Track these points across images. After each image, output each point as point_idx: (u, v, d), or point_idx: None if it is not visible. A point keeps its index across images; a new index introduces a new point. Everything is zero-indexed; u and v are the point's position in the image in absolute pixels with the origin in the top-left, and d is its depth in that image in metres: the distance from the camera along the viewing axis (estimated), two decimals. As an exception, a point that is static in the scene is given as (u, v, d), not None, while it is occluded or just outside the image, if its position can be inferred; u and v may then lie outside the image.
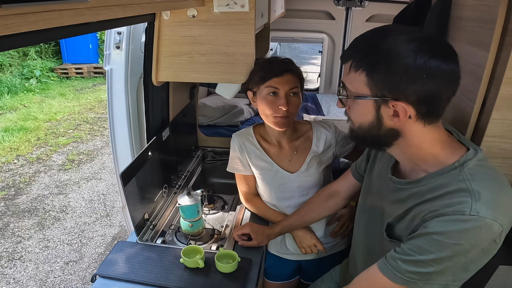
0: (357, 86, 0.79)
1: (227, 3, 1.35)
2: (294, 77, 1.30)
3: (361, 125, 0.84)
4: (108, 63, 1.88)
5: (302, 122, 1.50)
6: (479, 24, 0.99)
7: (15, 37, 0.65)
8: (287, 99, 1.28)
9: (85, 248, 3.04)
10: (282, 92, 1.28)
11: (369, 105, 0.79)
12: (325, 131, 1.44)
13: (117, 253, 1.36)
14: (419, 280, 0.80)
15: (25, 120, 5.62)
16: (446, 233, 0.73)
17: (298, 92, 1.32)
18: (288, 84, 1.28)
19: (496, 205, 0.73)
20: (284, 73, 1.28)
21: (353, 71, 0.79)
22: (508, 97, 0.91)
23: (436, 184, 0.81)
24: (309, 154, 1.42)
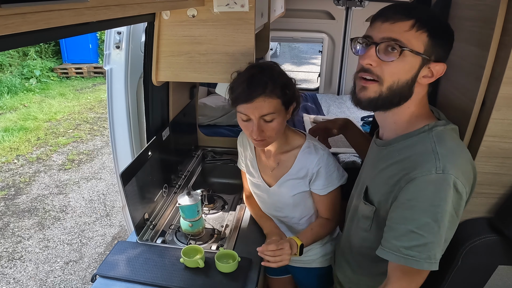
0: (414, 43, 0.82)
1: (227, 3, 1.35)
2: (268, 102, 1.09)
3: (395, 83, 0.85)
4: (108, 63, 1.88)
5: (297, 136, 1.29)
6: (478, 24, 0.99)
7: (15, 37, 0.65)
8: (260, 125, 1.12)
9: (85, 248, 3.04)
10: (254, 119, 1.12)
11: (416, 62, 0.84)
12: (310, 160, 1.23)
13: (117, 253, 1.36)
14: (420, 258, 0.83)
15: (25, 120, 5.62)
16: (420, 196, 0.81)
17: (277, 116, 1.12)
18: (259, 111, 1.10)
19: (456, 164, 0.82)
20: (255, 98, 1.08)
21: (414, 30, 0.82)
22: (508, 96, 0.91)
23: (405, 145, 0.91)
24: (285, 174, 1.29)
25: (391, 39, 0.82)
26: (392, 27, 0.83)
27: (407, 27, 0.82)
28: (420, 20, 0.82)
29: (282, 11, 2.67)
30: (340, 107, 3.35)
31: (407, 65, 0.84)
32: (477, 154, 0.99)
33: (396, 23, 0.83)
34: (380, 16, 0.86)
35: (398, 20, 0.83)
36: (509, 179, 1.02)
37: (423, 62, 0.84)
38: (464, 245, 1.04)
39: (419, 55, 0.83)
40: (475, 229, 1.07)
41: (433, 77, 0.86)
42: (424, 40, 0.83)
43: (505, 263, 1.05)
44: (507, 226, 0.99)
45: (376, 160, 1.02)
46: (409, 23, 0.82)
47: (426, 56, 0.84)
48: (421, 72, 0.85)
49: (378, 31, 0.85)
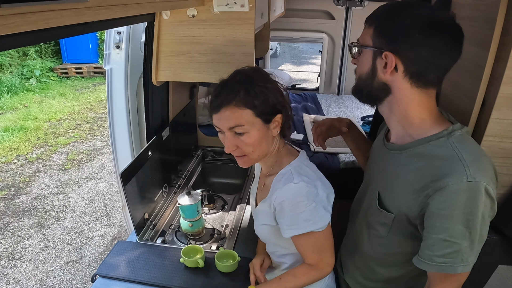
0: (365, 38, 0.91)
1: (227, 2, 1.35)
2: (234, 112, 0.93)
3: (361, 75, 0.94)
4: (108, 62, 1.88)
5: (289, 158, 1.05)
6: (479, 24, 0.99)
7: (15, 37, 0.65)
8: (231, 138, 0.97)
9: (85, 247, 3.04)
10: (224, 131, 0.98)
11: (369, 55, 0.90)
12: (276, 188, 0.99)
13: (117, 253, 1.36)
14: (453, 263, 0.83)
15: (25, 120, 5.61)
16: (451, 205, 0.79)
17: (249, 129, 0.95)
18: (226, 122, 0.95)
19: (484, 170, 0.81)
20: (221, 108, 0.95)
21: (367, 27, 0.91)
22: (508, 96, 0.91)
23: (424, 151, 0.87)
24: (263, 199, 1.07)
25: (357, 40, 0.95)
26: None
27: (364, 26, 0.92)
28: (371, 17, 0.91)
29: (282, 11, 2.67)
30: (340, 107, 3.35)
31: (363, 58, 0.92)
32: (477, 154, 0.99)
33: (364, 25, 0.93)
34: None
35: (365, 22, 0.93)
36: (509, 179, 1.02)
37: (375, 54, 0.88)
38: (464, 245, 1.04)
39: (367, 48, 0.89)
40: (475, 229, 1.07)
41: (388, 67, 0.86)
42: (370, 33, 0.89)
43: (505, 263, 1.05)
44: (507, 226, 0.99)
45: (389, 165, 0.97)
46: (367, 23, 0.92)
47: (375, 47, 0.88)
48: (377, 64, 0.88)
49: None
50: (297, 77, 8.29)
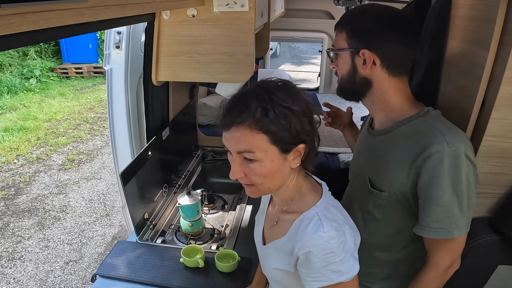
0: (340, 43, 1.00)
1: (227, 2, 1.35)
2: (245, 134, 0.77)
3: (343, 76, 1.02)
4: (108, 62, 1.88)
5: (312, 196, 0.88)
6: (478, 24, 0.99)
7: (15, 37, 0.65)
8: (240, 163, 0.81)
9: (85, 247, 3.04)
10: (232, 153, 0.82)
11: (347, 56, 0.99)
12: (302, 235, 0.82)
13: (117, 253, 1.36)
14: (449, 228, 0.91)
15: (25, 120, 5.61)
16: (439, 171, 0.88)
17: (262, 158, 0.79)
18: (234, 144, 0.80)
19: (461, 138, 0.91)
20: (230, 126, 0.79)
21: (338, 32, 1.01)
22: (508, 96, 0.91)
23: (406, 130, 0.97)
24: (277, 239, 0.90)
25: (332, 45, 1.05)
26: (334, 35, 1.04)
27: (335, 32, 1.03)
28: (342, 22, 1.01)
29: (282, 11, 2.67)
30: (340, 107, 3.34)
31: (342, 60, 1.01)
32: (477, 154, 0.99)
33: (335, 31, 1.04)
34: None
35: (335, 28, 1.04)
36: (509, 179, 1.02)
37: (352, 53, 0.98)
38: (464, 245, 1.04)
39: (344, 50, 0.99)
40: (475, 229, 1.07)
41: (367, 63, 0.96)
42: (343, 36, 0.98)
43: (505, 263, 1.05)
44: (507, 226, 0.99)
45: (377, 150, 1.05)
46: (337, 29, 1.02)
47: (351, 48, 0.98)
48: (356, 62, 0.98)
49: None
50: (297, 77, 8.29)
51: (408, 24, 0.96)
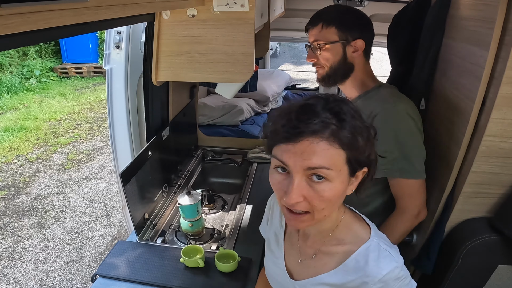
0: (329, 37, 1.19)
1: (227, 2, 1.35)
2: (325, 148, 0.66)
3: (332, 64, 1.21)
4: (108, 62, 1.88)
5: (362, 227, 0.82)
6: (478, 23, 0.99)
7: (15, 36, 0.65)
8: (303, 186, 0.68)
9: (85, 247, 3.04)
10: (294, 172, 0.68)
11: (338, 47, 1.19)
12: (371, 270, 0.74)
13: (117, 253, 1.36)
14: (392, 169, 1.12)
15: (25, 120, 5.61)
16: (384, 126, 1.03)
17: (334, 178, 0.67)
18: (306, 159, 0.66)
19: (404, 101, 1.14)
20: (302, 137, 0.65)
21: (325, 28, 1.19)
22: (508, 96, 0.91)
23: (364, 100, 1.21)
24: (321, 275, 0.82)
25: (314, 41, 1.22)
26: (313, 32, 1.22)
27: (319, 29, 1.20)
28: (326, 19, 1.18)
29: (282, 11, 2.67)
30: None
31: (333, 51, 1.20)
32: (477, 154, 0.99)
33: (314, 28, 1.22)
34: (307, 24, 1.25)
35: (313, 25, 1.22)
36: (509, 179, 1.02)
37: (343, 44, 1.18)
38: (464, 245, 1.04)
39: (335, 42, 1.18)
40: (475, 229, 1.07)
41: (359, 50, 1.19)
42: (334, 31, 1.18)
43: (505, 263, 1.05)
44: (507, 226, 0.99)
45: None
46: (319, 25, 1.20)
47: (342, 40, 1.18)
48: (347, 51, 1.19)
49: (309, 36, 1.25)
50: (297, 77, 8.29)
51: (366, 17, 1.23)
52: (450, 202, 1.11)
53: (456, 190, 1.09)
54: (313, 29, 1.22)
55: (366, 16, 1.23)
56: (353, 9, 1.25)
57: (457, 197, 1.08)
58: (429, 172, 1.23)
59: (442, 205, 1.13)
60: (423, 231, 1.24)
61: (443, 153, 1.15)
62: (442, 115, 1.18)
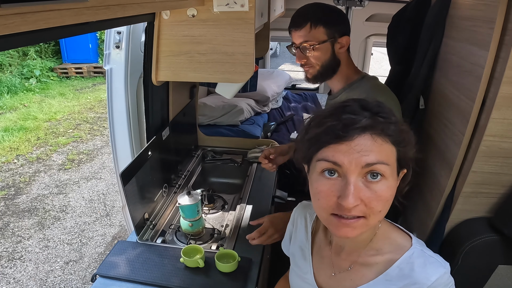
0: (318, 37, 1.24)
1: (227, 2, 1.35)
2: (381, 144, 0.64)
3: (323, 62, 1.27)
4: (108, 62, 1.88)
5: (402, 235, 0.79)
6: (478, 23, 0.99)
7: (15, 36, 0.65)
8: (359, 186, 0.65)
9: (85, 247, 3.04)
10: (349, 173, 0.65)
11: (328, 45, 1.25)
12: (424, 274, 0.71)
13: (117, 253, 1.36)
14: None
15: (25, 120, 5.61)
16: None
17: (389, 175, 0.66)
18: (361, 155, 0.63)
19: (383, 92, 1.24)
20: (357, 135, 0.64)
21: (313, 29, 1.23)
22: (508, 96, 0.91)
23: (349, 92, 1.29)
24: (362, 286, 0.78)
25: (302, 42, 1.25)
26: (300, 33, 1.25)
27: (308, 29, 1.24)
28: (313, 20, 1.23)
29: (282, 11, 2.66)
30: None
31: (323, 50, 1.25)
32: (477, 154, 0.99)
33: (301, 29, 1.25)
34: (291, 25, 1.29)
35: (301, 27, 1.25)
36: (509, 179, 1.02)
37: (332, 42, 1.25)
38: (464, 245, 1.04)
39: (325, 42, 1.24)
40: (475, 229, 1.07)
41: (345, 46, 1.28)
42: (322, 31, 1.23)
43: (505, 263, 1.05)
44: (507, 226, 0.99)
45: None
46: (308, 25, 1.23)
47: (330, 38, 1.24)
48: (335, 48, 1.27)
49: (295, 38, 1.28)
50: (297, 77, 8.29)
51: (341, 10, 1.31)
52: (450, 202, 1.11)
53: (456, 190, 1.09)
54: (300, 30, 1.25)
55: (344, 13, 1.34)
56: (333, 6, 1.31)
57: (457, 197, 1.08)
58: (429, 172, 1.23)
59: (442, 205, 1.13)
60: (423, 231, 1.24)
61: (443, 153, 1.15)
62: (442, 115, 1.18)
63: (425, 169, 1.24)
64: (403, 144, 0.67)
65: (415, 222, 1.31)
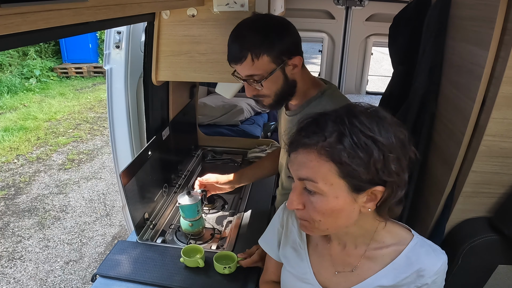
0: (264, 68, 1.05)
1: (226, 2, 1.35)
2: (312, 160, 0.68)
3: (277, 90, 1.12)
4: (108, 62, 1.88)
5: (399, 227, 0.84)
6: (478, 23, 0.99)
7: (15, 36, 0.65)
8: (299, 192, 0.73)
9: (85, 247, 3.04)
10: (295, 179, 0.73)
11: (278, 73, 1.08)
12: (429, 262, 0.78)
13: (117, 253, 1.36)
14: None
15: (25, 120, 5.61)
16: None
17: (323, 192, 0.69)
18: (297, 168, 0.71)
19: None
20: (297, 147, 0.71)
21: (256, 60, 1.04)
22: (508, 96, 0.91)
23: (308, 110, 1.14)
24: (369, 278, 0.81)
25: (248, 76, 1.08)
26: (242, 67, 1.07)
27: (250, 62, 1.05)
28: (253, 49, 1.04)
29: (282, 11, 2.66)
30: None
31: (273, 79, 1.09)
32: (477, 154, 0.99)
33: (241, 63, 1.06)
34: (229, 58, 1.09)
35: (240, 61, 1.05)
36: (509, 179, 1.02)
37: (281, 68, 1.08)
38: (464, 245, 1.04)
39: (274, 71, 1.07)
40: (475, 229, 1.07)
41: (298, 66, 1.10)
42: (266, 59, 1.05)
43: (505, 263, 1.05)
44: (507, 226, 0.99)
45: (289, 128, 1.18)
46: (249, 58, 1.04)
47: (278, 64, 1.07)
48: (286, 71, 1.10)
49: (239, 71, 1.10)
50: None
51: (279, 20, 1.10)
52: (450, 202, 1.11)
53: (456, 190, 1.09)
54: (241, 64, 1.06)
55: (284, 22, 1.09)
56: (273, 21, 1.08)
57: (457, 196, 1.08)
58: (429, 172, 1.23)
59: (442, 204, 1.13)
60: (423, 230, 1.24)
61: (443, 152, 1.15)
62: (442, 115, 1.18)
63: (425, 169, 1.24)
64: (353, 163, 0.65)
65: (415, 222, 1.31)
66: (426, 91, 1.23)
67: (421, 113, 1.24)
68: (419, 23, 1.32)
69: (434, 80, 1.22)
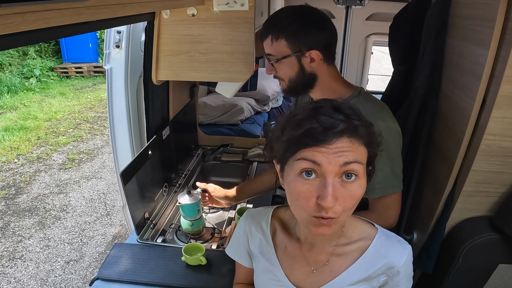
0: (281, 51, 1.09)
1: (226, 2, 1.35)
2: (356, 145, 0.68)
3: (290, 78, 1.13)
4: (108, 62, 1.88)
5: (363, 222, 0.87)
6: (478, 22, 0.98)
7: (15, 36, 0.65)
8: (336, 186, 0.67)
9: (85, 247, 3.04)
10: (327, 173, 0.67)
11: (293, 60, 1.09)
12: (395, 253, 0.82)
13: (117, 253, 1.36)
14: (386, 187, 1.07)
15: (25, 120, 5.62)
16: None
17: (362, 175, 0.69)
18: (338, 156, 0.66)
19: (389, 114, 1.09)
20: (335, 138, 0.66)
21: (275, 41, 1.09)
22: (508, 95, 0.91)
23: None
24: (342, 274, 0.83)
25: (267, 55, 1.14)
26: (264, 45, 1.13)
27: (269, 42, 1.11)
28: (274, 32, 1.08)
29: (282, 10, 2.66)
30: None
31: (288, 65, 1.11)
32: (477, 153, 0.99)
33: (264, 41, 1.13)
34: (259, 34, 1.15)
35: (264, 38, 1.12)
36: (509, 178, 1.02)
37: (298, 56, 1.09)
38: (464, 244, 1.04)
39: (288, 56, 1.09)
40: (475, 228, 1.07)
41: (316, 60, 1.09)
42: (284, 44, 1.08)
43: (506, 262, 1.05)
44: (508, 225, 0.99)
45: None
46: (269, 38, 1.10)
47: (295, 52, 1.08)
48: (303, 62, 1.10)
49: (264, 46, 1.14)
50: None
51: (321, 14, 1.09)
52: (451, 201, 1.11)
53: (456, 189, 1.09)
54: (264, 41, 1.13)
55: (320, 17, 1.09)
56: (303, 12, 1.09)
57: (457, 196, 1.08)
58: (429, 171, 1.23)
59: (443, 204, 1.13)
60: (423, 230, 1.24)
61: (443, 152, 1.15)
62: (442, 114, 1.18)
63: (425, 168, 1.24)
64: (373, 145, 0.72)
65: (415, 221, 1.31)
66: (426, 90, 1.22)
67: (421, 112, 1.24)
68: (419, 22, 1.32)
69: (434, 80, 1.22)
